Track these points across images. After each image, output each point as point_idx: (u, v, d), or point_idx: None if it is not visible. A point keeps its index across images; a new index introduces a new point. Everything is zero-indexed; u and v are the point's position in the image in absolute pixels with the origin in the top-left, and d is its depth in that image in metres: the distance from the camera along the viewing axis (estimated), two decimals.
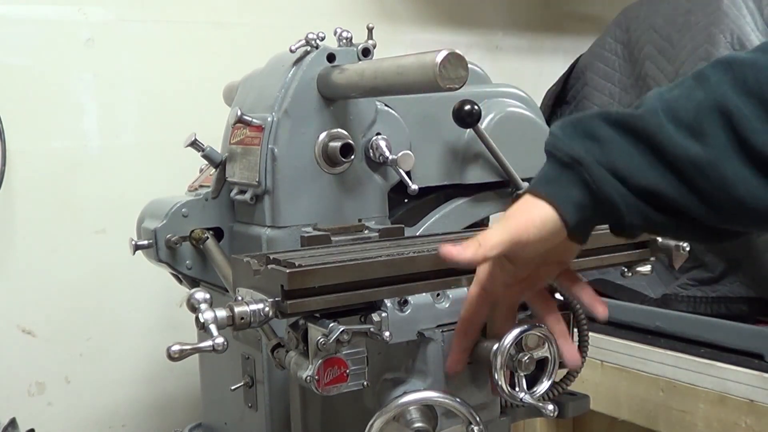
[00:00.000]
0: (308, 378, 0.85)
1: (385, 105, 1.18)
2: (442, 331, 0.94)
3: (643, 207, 0.77)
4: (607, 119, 0.79)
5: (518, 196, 0.84)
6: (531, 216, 0.81)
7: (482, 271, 0.90)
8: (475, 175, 1.25)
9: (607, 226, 0.83)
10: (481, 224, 1.30)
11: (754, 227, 0.80)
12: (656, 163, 0.76)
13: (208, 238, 1.19)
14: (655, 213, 0.77)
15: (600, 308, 0.90)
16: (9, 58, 1.53)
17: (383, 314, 0.88)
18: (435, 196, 1.26)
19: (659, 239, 1.06)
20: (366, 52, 1.16)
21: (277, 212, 1.12)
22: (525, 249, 0.81)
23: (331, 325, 0.84)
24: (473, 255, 0.80)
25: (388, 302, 0.90)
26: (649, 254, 1.06)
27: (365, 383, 0.89)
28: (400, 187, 1.18)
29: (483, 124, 1.22)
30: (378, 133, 1.16)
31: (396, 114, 1.19)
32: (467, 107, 1.17)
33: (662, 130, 0.75)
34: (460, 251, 0.81)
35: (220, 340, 0.81)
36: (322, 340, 0.83)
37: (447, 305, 0.94)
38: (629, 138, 0.77)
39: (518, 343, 0.89)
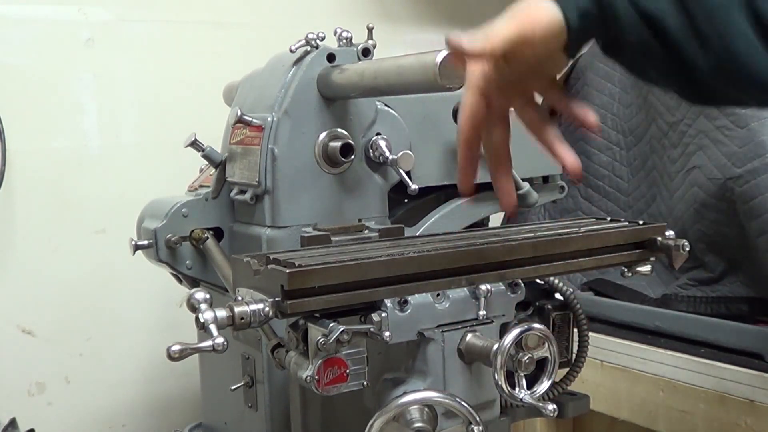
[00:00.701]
0: (308, 378, 0.85)
1: (385, 105, 1.18)
2: (442, 331, 0.94)
3: (644, 30, 0.77)
4: None
5: None
6: (539, 14, 0.80)
7: (476, 73, 0.86)
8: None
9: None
10: (481, 224, 1.30)
11: (738, 90, 0.79)
12: None
13: (208, 238, 1.19)
14: (654, 40, 0.77)
15: (590, 117, 0.87)
16: (9, 58, 1.53)
17: (383, 314, 0.88)
18: (435, 196, 1.26)
19: (659, 239, 1.06)
20: (366, 52, 1.16)
21: (277, 212, 1.12)
22: (528, 48, 0.80)
23: (331, 325, 0.84)
24: (481, 48, 0.79)
25: (388, 302, 0.90)
26: (649, 254, 1.06)
27: (365, 383, 0.89)
28: (400, 187, 1.18)
29: None
30: (378, 133, 1.16)
31: (396, 114, 1.19)
32: None
33: None
34: (468, 42, 0.79)
35: (220, 340, 0.81)
36: (322, 340, 0.83)
37: (447, 305, 0.94)
38: None
39: (518, 343, 0.89)
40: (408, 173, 1.16)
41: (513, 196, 0.90)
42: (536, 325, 0.91)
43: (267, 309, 0.84)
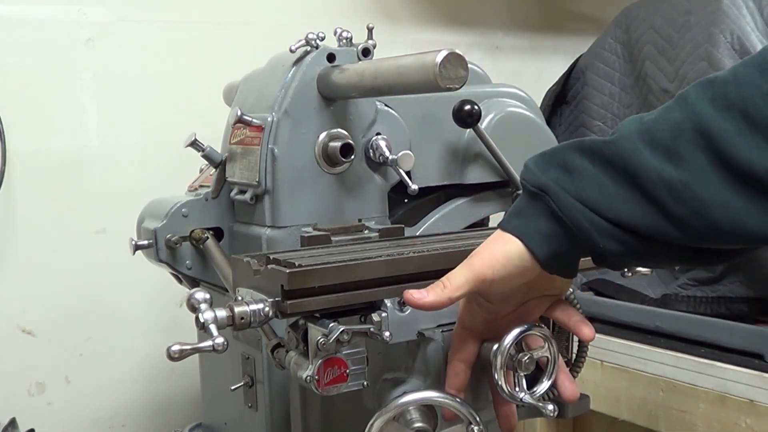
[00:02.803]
0: (308, 378, 0.85)
1: (385, 105, 1.18)
2: (442, 331, 0.94)
3: (618, 233, 0.75)
4: (579, 148, 0.78)
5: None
6: (494, 252, 0.79)
7: (460, 310, 0.89)
8: (475, 175, 1.25)
9: None
10: (481, 224, 1.30)
11: (732, 250, 0.77)
12: (629, 190, 0.73)
13: (208, 238, 1.19)
14: (633, 239, 0.75)
15: (585, 330, 0.88)
16: (9, 58, 1.53)
17: (383, 314, 0.88)
18: (435, 196, 1.26)
19: None
20: (366, 52, 1.16)
21: (277, 212, 1.12)
22: (492, 286, 0.80)
23: (331, 325, 0.84)
24: (436, 298, 0.79)
25: (388, 302, 0.90)
26: None
27: (365, 383, 0.89)
28: (400, 187, 1.18)
29: (483, 124, 1.22)
30: (378, 133, 1.16)
31: (396, 114, 1.19)
32: (467, 107, 1.17)
33: (636, 153, 0.73)
34: (423, 296, 0.79)
35: (220, 340, 0.81)
36: (322, 340, 0.83)
37: None
38: (602, 166, 0.75)
39: (518, 343, 0.89)
40: (408, 173, 1.16)
41: (513, 421, 0.95)
42: (536, 325, 0.91)
43: (267, 309, 0.84)
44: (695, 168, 0.70)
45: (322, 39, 1.15)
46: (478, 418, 0.90)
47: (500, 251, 0.79)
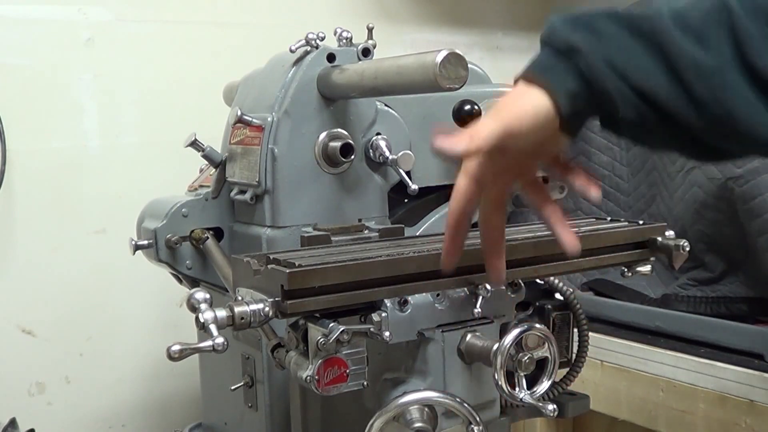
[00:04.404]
0: (308, 378, 0.85)
1: (385, 105, 1.18)
2: (442, 331, 0.94)
3: (639, 104, 0.75)
4: (611, 16, 0.78)
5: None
6: (524, 105, 0.78)
7: (471, 162, 0.85)
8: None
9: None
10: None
11: (742, 147, 0.78)
12: (658, 63, 0.74)
13: (208, 238, 1.19)
14: (650, 112, 0.75)
15: (593, 190, 0.87)
16: (9, 58, 1.53)
17: (383, 314, 0.88)
18: (435, 196, 1.26)
19: (659, 239, 1.06)
20: (366, 52, 1.16)
21: (277, 212, 1.12)
22: (517, 140, 0.79)
23: (331, 325, 0.84)
24: (467, 148, 0.78)
25: (388, 302, 0.90)
26: (649, 254, 1.06)
27: (365, 383, 0.89)
28: (400, 187, 1.18)
29: None
30: (378, 133, 1.16)
31: (396, 114, 1.19)
32: (467, 107, 1.17)
33: (668, 31, 0.74)
34: (453, 143, 0.78)
35: (220, 340, 0.81)
36: (322, 340, 0.83)
37: (447, 305, 0.94)
38: (633, 35, 0.76)
39: (518, 343, 0.90)
40: (408, 173, 1.16)
41: (502, 275, 0.89)
42: (536, 325, 0.91)
43: (267, 309, 0.84)
44: (722, 57, 0.72)
45: (322, 39, 1.15)
46: (478, 418, 0.90)
47: (530, 105, 0.78)
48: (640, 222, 1.09)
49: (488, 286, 0.94)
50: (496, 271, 0.88)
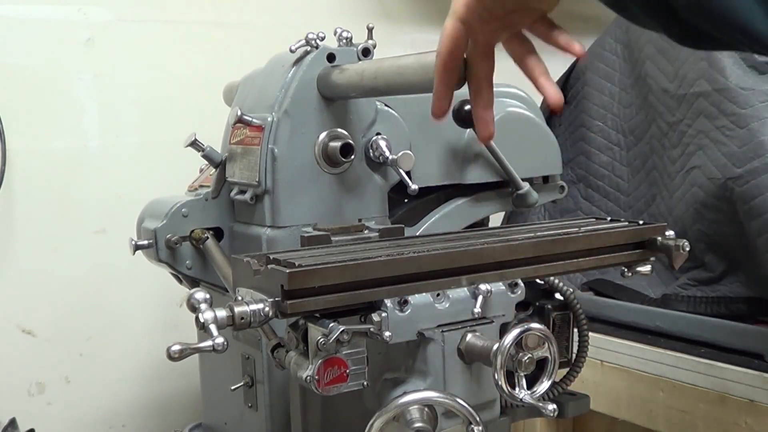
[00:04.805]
0: (308, 378, 0.85)
1: (385, 105, 1.18)
2: (442, 331, 0.94)
3: None
4: None
5: None
6: None
7: (459, 3, 0.86)
8: (475, 175, 1.25)
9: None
10: (481, 224, 1.30)
11: (719, 31, 0.75)
12: None
13: (208, 238, 1.19)
14: None
15: (576, 47, 0.88)
16: (9, 58, 1.53)
17: (383, 314, 0.88)
18: (435, 196, 1.26)
19: (659, 239, 1.06)
20: (366, 52, 1.16)
21: (277, 212, 1.12)
22: None
23: (331, 325, 0.84)
24: None
25: (388, 302, 0.90)
26: (649, 254, 1.06)
27: (365, 383, 0.89)
28: (400, 187, 1.18)
29: None
30: (378, 133, 1.16)
31: (396, 114, 1.19)
32: (467, 107, 1.17)
33: None
34: None
35: (220, 340, 0.81)
36: (322, 340, 0.83)
37: (447, 305, 0.94)
38: None
39: (518, 343, 0.89)
40: (408, 173, 1.16)
41: (490, 127, 0.90)
42: (536, 325, 0.91)
43: (267, 309, 0.84)
44: None
45: (322, 39, 1.15)
46: (478, 418, 0.90)
47: None
48: (640, 222, 1.09)
49: (488, 286, 0.94)
50: (484, 122, 0.89)
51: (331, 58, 1.14)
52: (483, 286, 0.94)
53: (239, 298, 0.88)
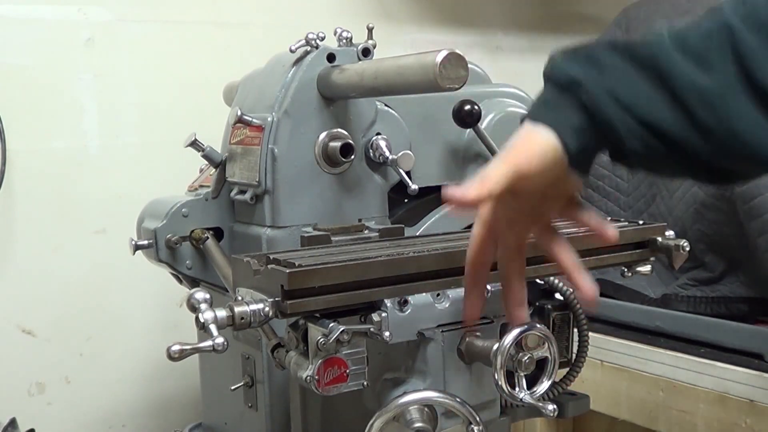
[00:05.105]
0: (308, 378, 0.85)
1: (385, 105, 1.18)
2: (442, 331, 0.94)
3: (644, 134, 0.74)
4: (611, 46, 0.77)
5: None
6: (531, 146, 0.77)
7: (484, 209, 0.86)
8: (475, 175, 1.25)
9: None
10: None
11: (751, 168, 0.77)
12: (660, 91, 0.73)
13: (208, 238, 1.19)
14: (656, 142, 0.74)
15: (609, 231, 0.86)
16: (9, 58, 1.52)
17: (383, 314, 0.88)
18: (435, 196, 1.26)
19: (659, 239, 1.06)
20: (366, 52, 1.16)
21: (277, 212, 1.12)
22: (528, 182, 0.78)
23: (331, 325, 0.84)
24: (477, 194, 0.77)
25: (388, 302, 0.90)
26: (649, 254, 1.06)
27: (365, 383, 0.89)
28: (400, 187, 1.18)
29: (483, 124, 1.22)
30: (378, 133, 1.16)
31: (396, 114, 1.19)
32: (467, 107, 1.17)
33: (669, 57, 0.73)
34: (464, 192, 0.77)
35: (220, 340, 0.81)
36: (322, 340, 0.83)
37: (447, 305, 0.94)
38: (633, 65, 0.75)
39: (518, 343, 0.89)
40: (408, 173, 1.16)
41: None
42: (536, 325, 0.91)
43: (267, 309, 0.84)
44: (725, 79, 0.71)
45: (322, 39, 1.15)
46: (478, 418, 0.90)
47: (536, 145, 0.77)
48: (640, 222, 1.09)
49: (488, 286, 0.94)
50: (518, 321, 0.89)
51: (331, 58, 1.14)
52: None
53: (239, 298, 0.88)
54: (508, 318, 0.91)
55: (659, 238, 1.06)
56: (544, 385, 0.93)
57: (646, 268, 1.07)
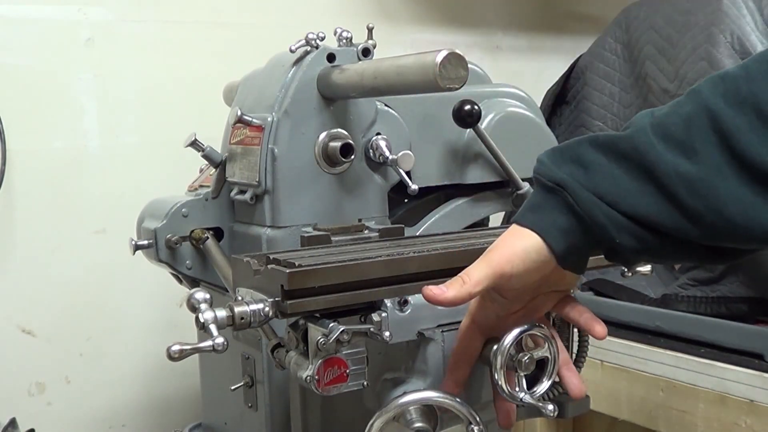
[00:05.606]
0: (308, 378, 0.85)
1: (385, 105, 1.18)
2: (442, 331, 0.94)
3: (634, 228, 0.75)
4: (594, 143, 0.78)
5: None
6: (513, 247, 0.79)
7: (473, 305, 0.89)
8: (475, 175, 1.25)
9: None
10: (481, 224, 1.30)
11: (749, 247, 0.76)
12: (645, 185, 0.73)
13: (208, 238, 1.19)
14: (649, 234, 0.75)
15: (598, 328, 0.89)
16: (9, 58, 1.53)
17: (383, 314, 0.88)
18: (435, 196, 1.26)
19: None
20: (366, 52, 1.16)
21: (277, 212, 1.12)
22: (510, 281, 0.80)
23: (331, 325, 0.84)
24: (456, 294, 0.79)
25: (388, 302, 0.90)
26: None
27: (365, 383, 0.89)
28: (400, 187, 1.18)
29: (483, 124, 1.22)
30: (378, 133, 1.16)
31: (396, 114, 1.19)
32: (467, 107, 1.17)
33: (651, 148, 0.73)
34: (443, 291, 0.79)
35: (220, 340, 0.81)
36: (322, 340, 0.83)
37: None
38: (617, 161, 0.75)
39: (518, 343, 0.89)
40: (408, 173, 1.16)
41: (512, 417, 0.94)
42: (536, 325, 0.91)
43: (267, 309, 0.84)
44: (710, 163, 0.70)
45: (322, 39, 1.15)
46: (478, 418, 0.90)
47: (519, 246, 0.79)
48: None
49: None
50: (505, 414, 0.93)
51: (331, 58, 1.14)
52: None
53: (239, 298, 0.88)
54: (496, 409, 0.95)
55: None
56: (544, 385, 0.93)
57: (646, 268, 1.07)
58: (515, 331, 0.89)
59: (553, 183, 0.78)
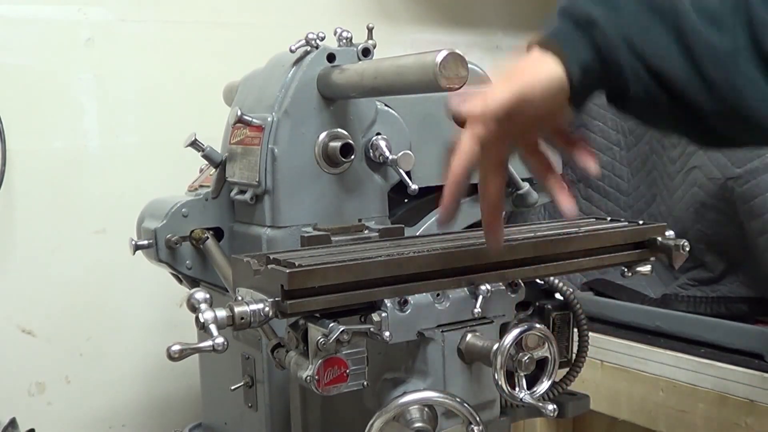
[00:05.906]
0: (308, 378, 0.85)
1: (385, 105, 1.18)
2: (442, 331, 0.94)
3: (650, 81, 0.76)
4: None
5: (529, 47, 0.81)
6: (539, 72, 0.78)
7: (479, 124, 0.84)
8: (475, 175, 1.25)
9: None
10: (481, 224, 1.30)
11: (748, 135, 0.78)
12: (673, 42, 0.74)
13: (208, 238, 1.19)
14: (660, 90, 0.76)
15: (592, 165, 0.87)
16: (9, 58, 1.53)
17: (383, 314, 0.88)
18: (435, 196, 1.26)
19: (659, 239, 1.06)
20: (366, 52, 1.16)
21: (277, 212, 1.12)
22: (528, 107, 0.79)
23: (331, 325, 0.84)
24: (480, 111, 0.78)
25: (388, 302, 0.90)
26: (649, 254, 1.06)
27: (365, 383, 0.89)
28: (400, 187, 1.18)
29: None
30: (378, 133, 1.16)
31: (396, 114, 1.19)
32: None
33: (685, 11, 0.74)
34: (467, 106, 0.78)
35: (220, 340, 0.81)
36: (322, 340, 0.83)
37: (447, 305, 0.94)
38: (651, 13, 0.76)
39: (518, 343, 0.89)
40: (408, 173, 1.16)
41: (500, 243, 0.89)
42: (536, 325, 0.91)
43: (267, 309, 0.84)
44: (737, 43, 0.73)
45: (322, 39, 1.15)
46: (478, 418, 0.90)
47: (544, 72, 0.78)
48: (640, 222, 1.09)
49: (488, 286, 0.94)
50: (494, 237, 0.88)
51: (331, 58, 1.14)
52: (483, 286, 0.94)
53: (239, 298, 0.88)
54: (485, 237, 0.90)
55: (659, 238, 1.05)
56: (544, 385, 0.93)
57: (646, 268, 1.07)
58: (515, 331, 0.89)
59: (585, 18, 0.77)
